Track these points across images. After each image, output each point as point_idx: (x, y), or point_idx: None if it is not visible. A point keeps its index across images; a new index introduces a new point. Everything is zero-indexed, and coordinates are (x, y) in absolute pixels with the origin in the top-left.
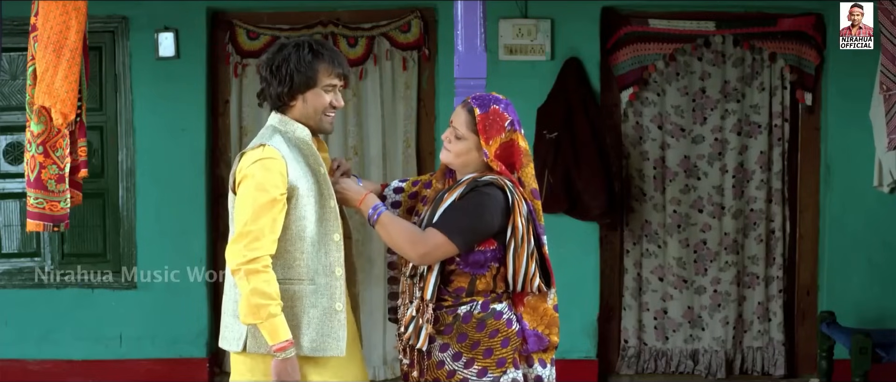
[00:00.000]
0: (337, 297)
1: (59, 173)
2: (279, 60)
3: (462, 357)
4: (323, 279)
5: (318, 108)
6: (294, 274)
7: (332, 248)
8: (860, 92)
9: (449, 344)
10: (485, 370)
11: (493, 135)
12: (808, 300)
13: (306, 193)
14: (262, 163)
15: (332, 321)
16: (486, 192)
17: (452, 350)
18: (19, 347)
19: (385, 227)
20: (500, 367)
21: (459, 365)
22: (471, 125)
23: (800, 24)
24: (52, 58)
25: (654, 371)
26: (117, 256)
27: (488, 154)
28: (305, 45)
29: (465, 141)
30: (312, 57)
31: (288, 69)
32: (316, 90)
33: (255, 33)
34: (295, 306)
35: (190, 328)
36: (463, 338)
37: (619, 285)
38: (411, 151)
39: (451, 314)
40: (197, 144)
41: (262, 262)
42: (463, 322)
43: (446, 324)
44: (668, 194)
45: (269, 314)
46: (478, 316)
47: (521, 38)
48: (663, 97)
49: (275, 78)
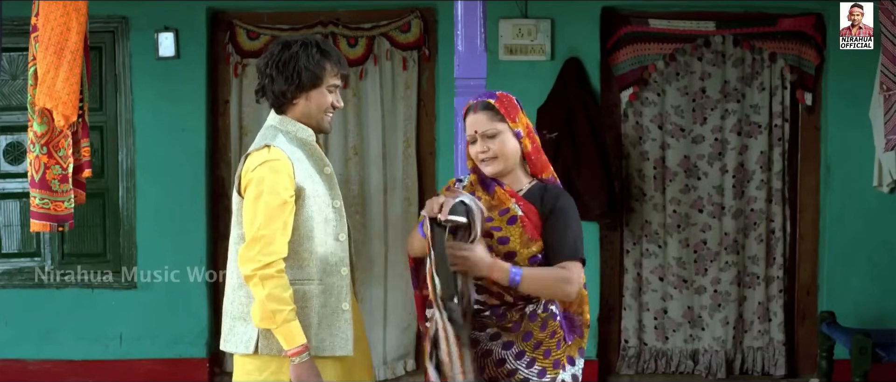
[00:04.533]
0: (343, 296)
1: (62, 172)
2: (286, 56)
3: (525, 355)
4: (330, 279)
5: (321, 106)
6: (303, 274)
7: (338, 248)
8: (860, 92)
9: (513, 342)
10: (544, 370)
11: (515, 113)
12: (808, 300)
13: (313, 193)
14: (269, 165)
15: (339, 321)
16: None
17: (516, 349)
18: (19, 347)
19: (529, 283)
20: (556, 369)
21: (522, 364)
22: (495, 117)
23: (800, 24)
24: (53, 59)
25: (654, 371)
26: (117, 256)
27: (522, 132)
28: (313, 44)
29: (500, 135)
30: (320, 56)
31: (295, 67)
32: (321, 89)
33: (255, 33)
34: (305, 306)
35: (190, 329)
36: (528, 337)
37: (619, 285)
38: (411, 151)
39: (519, 312)
40: (197, 144)
41: (276, 267)
42: (530, 320)
43: (513, 321)
44: (668, 194)
45: (285, 319)
46: (542, 316)
47: (521, 39)
48: (663, 97)
49: (281, 75)
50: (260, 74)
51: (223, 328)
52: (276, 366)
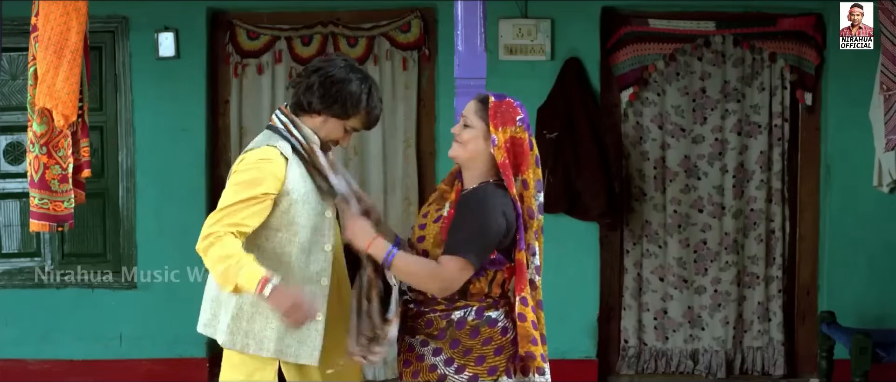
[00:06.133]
0: (318, 306)
1: (62, 173)
2: (340, 76)
3: (454, 362)
4: (309, 287)
5: (330, 136)
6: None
7: (321, 257)
8: (860, 92)
9: (442, 349)
10: (476, 377)
11: (503, 124)
12: (808, 300)
13: (301, 198)
14: (259, 161)
15: (309, 330)
16: (473, 193)
17: (445, 355)
18: (19, 347)
19: (400, 269)
20: (492, 375)
21: (451, 371)
22: (480, 113)
23: (800, 24)
24: (53, 59)
25: (654, 371)
26: (117, 256)
27: (497, 141)
28: (368, 83)
29: (472, 129)
30: (366, 99)
31: (339, 91)
32: (341, 123)
33: (255, 33)
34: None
35: (190, 328)
36: (456, 344)
37: (619, 285)
38: (411, 151)
39: (445, 318)
40: (197, 144)
41: (217, 234)
42: (457, 328)
43: (439, 329)
44: (668, 194)
45: (237, 267)
46: (472, 323)
47: (521, 39)
48: (663, 97)
49: (321, 87)
50: (306, 73)
51: (205, 312)
52: (253, 367)
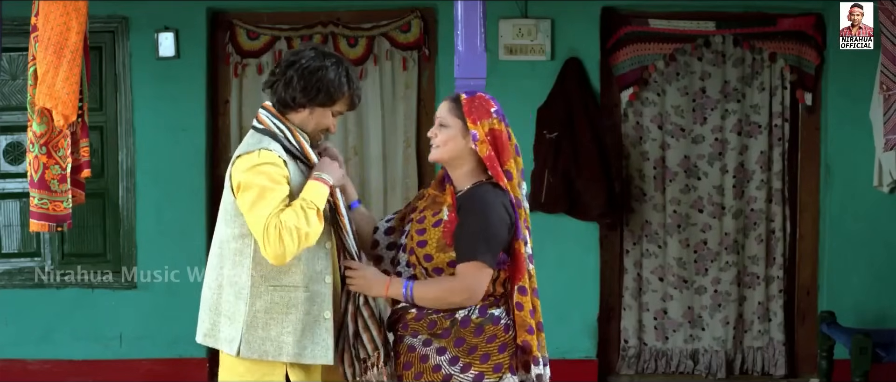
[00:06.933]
0: (326, 305)
1: (61, 173)
2: (314, 66)
3: (459, 361)
4: (316, 287)
5: (320, 125)
6: (289, 281)
7: (324, 255)
8: (860, 92)
9: (446, 348)
10: (481, 375)
11: (479, 117)
12: (808, 300)
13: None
14: (266, 166)
15: (320, 329)
16: (474, 193)
17: (450, 355)
18: (19, 347)
19: (422, 298)
20: (497, 372)
21: (456, 370)
22: (455, 111)
23: (800, 24)
24: (53, 59)
25: (654, 371)
26: (117, 256)
27: (478, 136)
28: (344, 66)
29: (448, 129)
30: (346, 80)
31: (320, 80)
32: (328, 110)
33: (255, 33)
34: (289, 312)
35: (190, 329)
36: (460, 343)
37: (619, 285)
38: (411, 151)
39: (449, 318)
40: (197, 144)
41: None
42: (461, 327)
43: (444, 328)
44: (668, 194)
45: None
46: (476, 321)
47: (521, 39)
48: (663, 97)
49: (301, 81)
50: (280, 70)
51: (204, 323)
52: (262, 372)
